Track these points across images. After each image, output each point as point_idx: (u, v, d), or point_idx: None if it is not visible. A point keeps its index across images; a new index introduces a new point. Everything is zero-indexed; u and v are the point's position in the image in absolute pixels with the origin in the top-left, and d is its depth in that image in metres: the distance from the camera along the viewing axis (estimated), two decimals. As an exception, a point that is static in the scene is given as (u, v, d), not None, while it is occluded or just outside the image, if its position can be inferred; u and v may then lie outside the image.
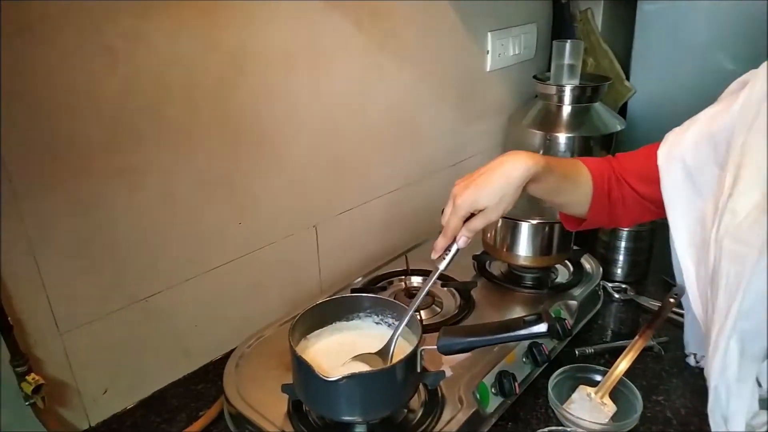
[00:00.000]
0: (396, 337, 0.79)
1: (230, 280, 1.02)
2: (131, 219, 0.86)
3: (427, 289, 0.80)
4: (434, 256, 0.79)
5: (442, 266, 0.79)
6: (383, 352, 0.79)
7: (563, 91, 1.39)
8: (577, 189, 0.86)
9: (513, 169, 0.76)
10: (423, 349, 0.76)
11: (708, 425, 0.69)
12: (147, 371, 0.95)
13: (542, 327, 0.69)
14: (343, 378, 0.69)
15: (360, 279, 1.14)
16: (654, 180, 0.81)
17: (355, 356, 0.78)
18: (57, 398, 0.84)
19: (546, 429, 0.81)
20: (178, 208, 0.91)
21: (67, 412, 0.86)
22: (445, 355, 0.76)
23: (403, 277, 1.14)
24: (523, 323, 0.71)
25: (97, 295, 0.85)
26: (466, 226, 0.77)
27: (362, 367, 0.77)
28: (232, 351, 1.03)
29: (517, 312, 1.04)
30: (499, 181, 0.75)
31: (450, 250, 0.79)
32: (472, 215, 0.77)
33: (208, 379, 1.00)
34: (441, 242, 0.79)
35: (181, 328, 0.97)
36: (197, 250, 0.96)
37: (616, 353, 1.02)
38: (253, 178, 1.00)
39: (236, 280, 1.03)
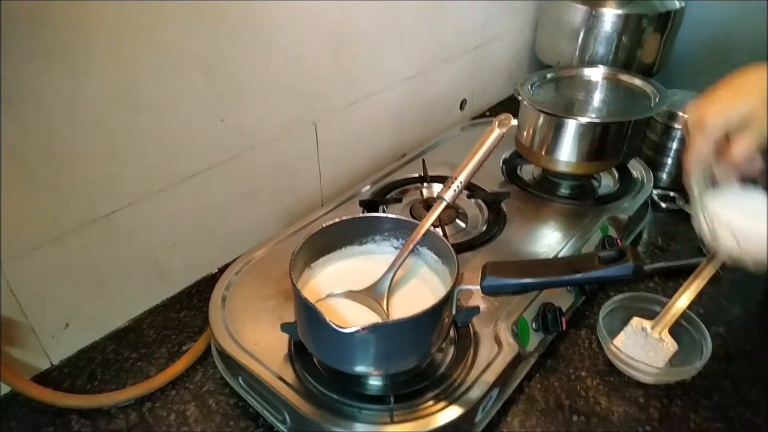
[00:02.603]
0: (395, 270, 0.64)
1: (212, 190, 0.83)
2: (78, 115, 0.65)
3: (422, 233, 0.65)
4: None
5: None
6: (376, 290, 0.63)
7: (615, -45, 1.14)
8: None
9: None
10: (461, 290, 0.60)
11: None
12: (116, 299, 0.79)
13: (626, 268, 0.52)
14: (362, 329, 0.53)
15: (368, 187, 0.96)
16: None
17: (340, 293, 0.64)
18: (7, 339, 0.69)
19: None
20: (140, 100, 0.70)
21: (21, 353, 0.71)
22: (490, 296, 0.60)
23: (420, 184, 0.96)
24: (599, 262, 0.54)
25: (42, 214, 0.67)
26: (732, 154, 0.57)
27: (354, 306, 0.63)
28: (218, 271, 0.88)
29: (558, 228, 0.87)
30: (752, 80, 0.56)
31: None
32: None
33: (191, 305, 0.84)
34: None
35: (154, 248, 0.80)
36: (169, 155, 0.76)
37: (668, 275, 0.89)
38: (236, 62, 0.78)
39: (219, 189, 0.84)
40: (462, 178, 0.68)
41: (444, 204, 0.68)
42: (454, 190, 0.67)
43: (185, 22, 0.70)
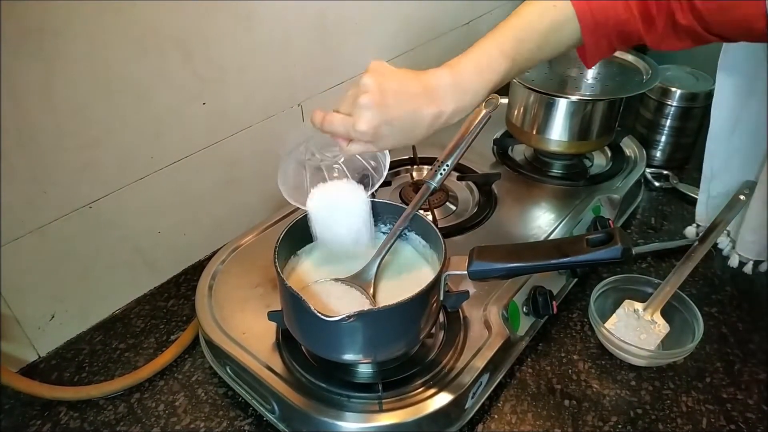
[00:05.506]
0: (382, 256, 0.63)
1: (196, 176, 0.82)
2: (53, 101, 0.63)
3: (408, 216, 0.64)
4: None
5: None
6: (362, 276, 0.62)
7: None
8: (559, 45, 0.64)
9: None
10: (448, 275, 0.59)
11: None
12: (102, 289, 0.78)
13: (614, 251, 0.51)
14: (348, 317, 0.52)
15: (357, 170, 0.94)
16: None
17: (326, 279, 0.63)
18: (-11, 331, 0.68)
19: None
20: (117, 85, 0.68)
21: (7, 345, 0.70)
22: (478, 281, 0.59)
23: (410, 166, 0.95)
24: (587, 245, 0.53)
25: (20, 204, 0.65)
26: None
27: (341, 293, 0.61)
28: (206, 259, 0.87)
29: (550, 210, 0.86)
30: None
31: None
32: None
33: (179, 294, 0.83)
34: None
35: (139, 237, 0.79)
36: (150, 141, 0.74)
37: (660, 256, 0.88)
38: (215, 41, 0.76)
39: (203, 175, 0.83)
40: (448, 161, 0.66)
41: (431, 188, 0.67)
42: (441, 174, 0.66)
43: (160, 2, 0.68)
